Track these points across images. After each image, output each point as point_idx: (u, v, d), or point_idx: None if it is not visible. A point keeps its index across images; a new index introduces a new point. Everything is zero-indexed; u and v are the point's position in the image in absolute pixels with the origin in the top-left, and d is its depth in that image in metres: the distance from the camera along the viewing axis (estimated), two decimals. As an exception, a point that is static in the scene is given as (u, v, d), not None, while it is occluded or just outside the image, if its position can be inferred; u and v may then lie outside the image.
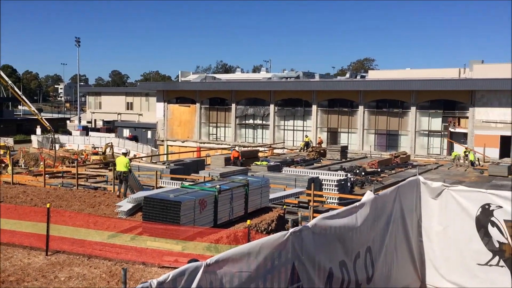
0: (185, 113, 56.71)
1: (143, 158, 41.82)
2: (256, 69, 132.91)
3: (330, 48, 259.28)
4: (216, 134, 55.39)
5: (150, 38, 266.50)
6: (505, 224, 8.51)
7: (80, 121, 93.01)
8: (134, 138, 74.30)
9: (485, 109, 40.80)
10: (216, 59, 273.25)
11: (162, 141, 58.02)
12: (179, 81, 76.13)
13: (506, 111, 39.83)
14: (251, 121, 53.27)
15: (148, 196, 13.11)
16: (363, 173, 29.40)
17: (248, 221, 11.92)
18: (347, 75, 68.65)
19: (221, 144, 53.14)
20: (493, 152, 40.07)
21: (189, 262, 4.14)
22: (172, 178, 23.50)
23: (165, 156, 47.46)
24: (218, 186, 13.70)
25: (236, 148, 29.46)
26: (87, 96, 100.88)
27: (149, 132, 75.57)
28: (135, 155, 54.17)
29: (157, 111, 59.07)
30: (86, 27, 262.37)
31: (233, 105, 53.41)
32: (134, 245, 11.39)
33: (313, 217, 11.91)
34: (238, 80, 64.47)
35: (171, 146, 57.06)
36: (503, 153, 40.23)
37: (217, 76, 77.10)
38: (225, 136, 54.77)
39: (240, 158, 30.75)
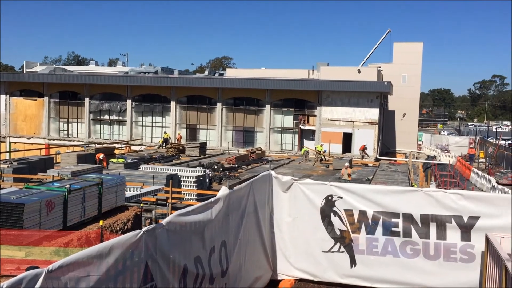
0: (31, 107, 51.95)
1: (-20, 157, 37.25)
2: (112, 63, 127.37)
3: (189, 44, 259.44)
4: (68, 130, 51.78)
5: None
6: (345, 213, 9.37)
7: None
8: (-32, 134, 65.84)
9: (330, 108, 44.58)
10: (68, 50, 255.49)
11: (4, 137, 52.38)
12: (24, 71, 69.55)
13: (347, 110, 44.04)
14: (106, 117, 50.86)
15: (-16, 199, 11.70)
16: (221, 169, 30.06)
17: (101, 221, 11.39)
18: (206, 72, 69.42)
19: (73, 140, 49.86)
20: (337, 148, 44.06)
21: (27, 269, 3.78)
22: (15, 179, 21.41)
23: (7, 154, 42.94)
24: (68, 186, 12.82)
25: (101, 156, 27.76)
26: None
27: (-12, 128, 67.60)
28: (-30, 154, 47.94)
29: (-3, 104, 53.15)
30: None
31: (87, 100, 50.44)
32: (-35, 255, 10.07)
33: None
34: (92, 73, 61.06)
35: (15, 143, 51.84)
36: (345, 149, 44.44)
37: (69, 68, 72.07)
38: (77, 133, 51.49)
39: (105, 163, 27.88)
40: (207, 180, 23.63)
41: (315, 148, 40.47)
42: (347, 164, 25.63)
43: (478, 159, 49.07)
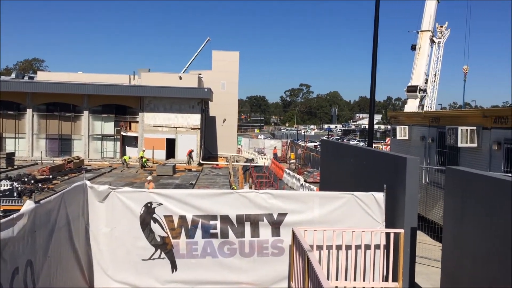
0: None
1: None
2: None
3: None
4: None
5: None
6: (165, 219, 9.35)
7: None
8: None
9: (153, 114, 44.22)
10: None
11: None
12: None
13: (170, 116, 44.23)
14: None
15: None
16: (32, 181, 27.47)
17: None
18: (13, 75, 62.60)
19: None
20: (161, 154, 43.89)
21: None
22: None
23: None
24: None
25: None
26: None
27: None
28: None
29: None
30: None
31: None
32: None
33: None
34: None
35: None
36: (169, 154, 44.52)
37: None
38: None
39: None
40: (15, 194, 21.33)
41: (139, 155, 39.71)
42: (149, 178, 25.29)
43: (289, 160, 53.92)
